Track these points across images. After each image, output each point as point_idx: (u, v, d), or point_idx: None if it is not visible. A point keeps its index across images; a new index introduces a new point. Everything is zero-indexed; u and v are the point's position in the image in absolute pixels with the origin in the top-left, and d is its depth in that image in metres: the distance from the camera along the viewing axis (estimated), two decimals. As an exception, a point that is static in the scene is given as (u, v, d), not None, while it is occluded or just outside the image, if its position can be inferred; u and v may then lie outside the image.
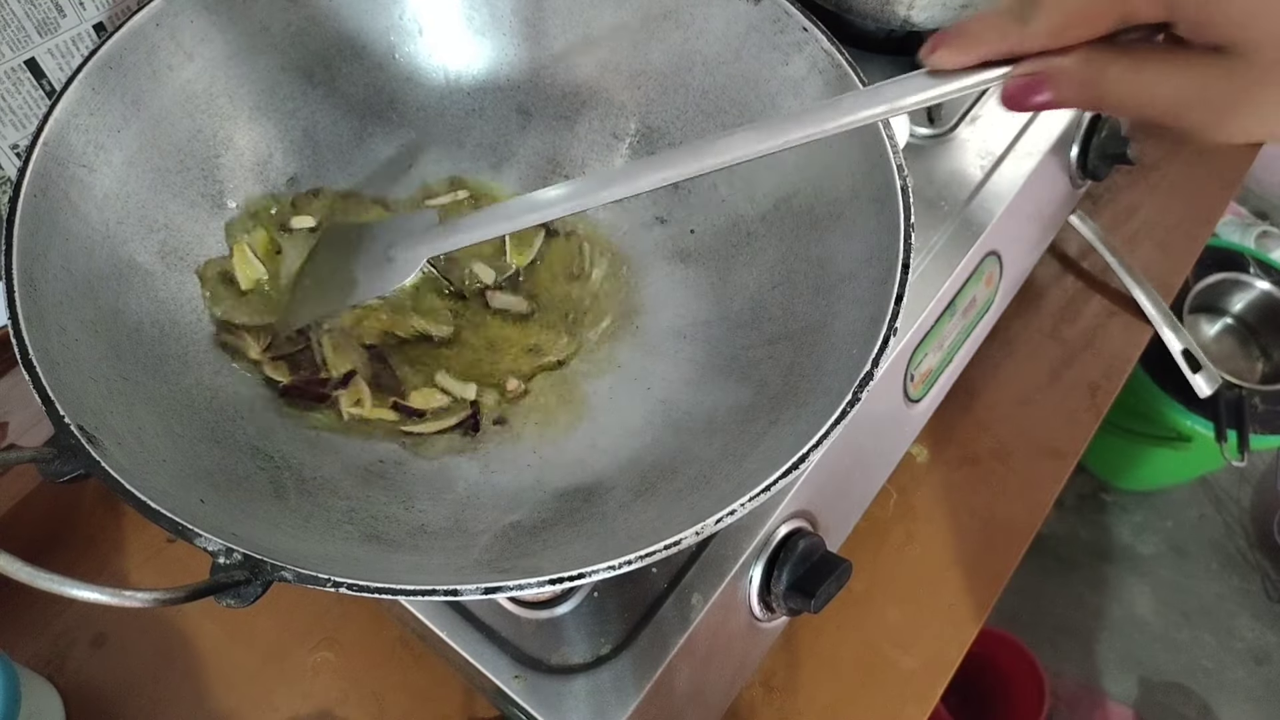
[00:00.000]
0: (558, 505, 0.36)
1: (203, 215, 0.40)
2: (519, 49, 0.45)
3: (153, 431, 0.33)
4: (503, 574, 0.28)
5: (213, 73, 0.40)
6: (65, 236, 0.35)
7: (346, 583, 0.28)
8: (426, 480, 0.37)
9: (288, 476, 0.35)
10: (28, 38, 0.41)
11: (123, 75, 0.37)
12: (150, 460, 0.32)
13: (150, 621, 0.45)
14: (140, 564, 0.46)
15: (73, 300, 0.34)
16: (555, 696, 0.35)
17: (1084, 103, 0.24)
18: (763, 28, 0.40)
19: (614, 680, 0.36)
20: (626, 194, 0.32)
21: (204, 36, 0.39)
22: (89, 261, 0.35)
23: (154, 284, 0.37)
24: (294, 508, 0.34)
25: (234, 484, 0.34)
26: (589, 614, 0.37)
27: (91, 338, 0.34)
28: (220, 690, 0.44)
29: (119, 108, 0.37)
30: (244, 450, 0.35)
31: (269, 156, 0.42)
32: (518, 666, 0.36)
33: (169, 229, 0.39)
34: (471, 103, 0.45)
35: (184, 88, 0.39)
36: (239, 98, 0.41)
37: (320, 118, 0.43)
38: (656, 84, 0.43)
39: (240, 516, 0.32)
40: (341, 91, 0.43)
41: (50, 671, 0.44)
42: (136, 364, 0.35)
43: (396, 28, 0.44)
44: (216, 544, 0.28)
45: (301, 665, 0.44)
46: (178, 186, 0.39)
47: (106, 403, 0.32)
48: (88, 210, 0.36)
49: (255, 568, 0.28)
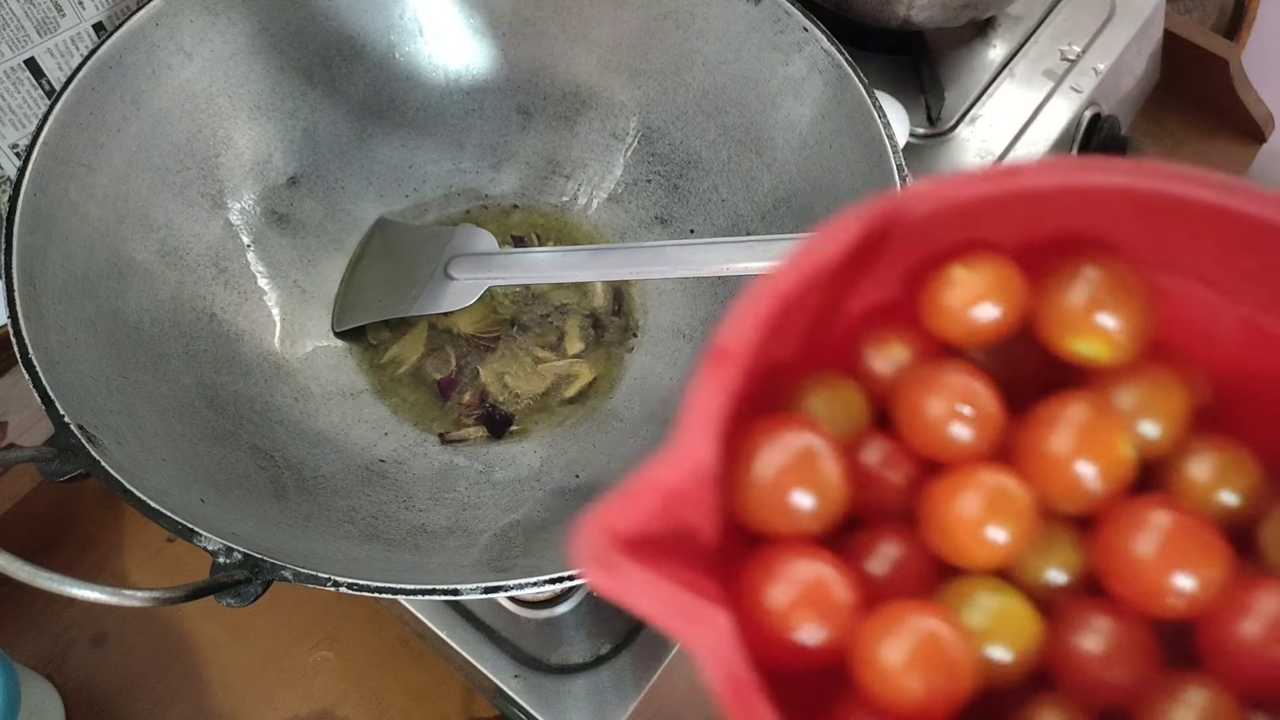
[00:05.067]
0: (558, 504, 0.36)
1: (202, 214, 0.40)
2: (519, 49, 0.45)
3: (153, 431, 0.33)
4: (503, 573, 0.28)
5: (212, 72, 0.40)
6: (65, 235, 0.35)
7: (346, 582, 0.28)
8: (427, 480, 0.37)
9: (288, 476, 0.35)
10: (27, 37, 0.41)
11: (122, 75, 0.37)
12: (150, 459, 0.32)
13: (150, 621, 0.44)
14: (140, 563, 0.46)
15: (72, 299, 0.34)
16: (555, 696, 0.35)
17: None
18: (763, 28, 0.40)
19: (614, 679, 0.35)
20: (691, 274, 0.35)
21: (203, 36, 0.39)
22: (88, 260, 0.35)
23: (154, 283, 0.37)
24: (294, 507, 0.34)
25: (234, 483, 0.34)
26: (589, 613, 0.37)
27: (91, 337, 0.34)
28: (220, 689, 0.44)
29: (118, 107, 0.37)
30: (244, 449, 0.35)
31: (269, 156, 0.42)
32: (517, 666, 0.36)
33: (169, 228, 0.39)
34: (471, 102, 0.45)
35: (183, 87, 0.39)
36: (239, 97, 0.41)
37: (320, 117, 0.43)
38: (656, 84, 0.43)
39: (240, 516, 0.32)
40: (341, 91, 0.43)
41: (50, 671, 0.44)
42: (136, 363, 0.35)
43: (396, 27, 0.44)
44: (216, 543, 0.28)
45: (301, 664, 0.44)
46: (177, 186, 0.39)
47: (106, 402, 0.32)
48: (87, 209, 0.36)
49: (255, 567, 0.28)
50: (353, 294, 0.41)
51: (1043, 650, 0.17)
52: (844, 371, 0.19)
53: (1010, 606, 0.16)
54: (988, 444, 0.17)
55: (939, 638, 0.15)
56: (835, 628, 0.15)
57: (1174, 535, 0.16)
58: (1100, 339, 0.18)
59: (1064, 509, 0.17)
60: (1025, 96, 0.50)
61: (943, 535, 0.17)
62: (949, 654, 0.15)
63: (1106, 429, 0.17)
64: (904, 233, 0.17)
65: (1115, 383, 0.18)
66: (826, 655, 0.16)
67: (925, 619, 0.15)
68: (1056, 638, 0.17)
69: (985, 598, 0.16)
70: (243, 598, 0.29)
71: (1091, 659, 0.16)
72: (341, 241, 0.43)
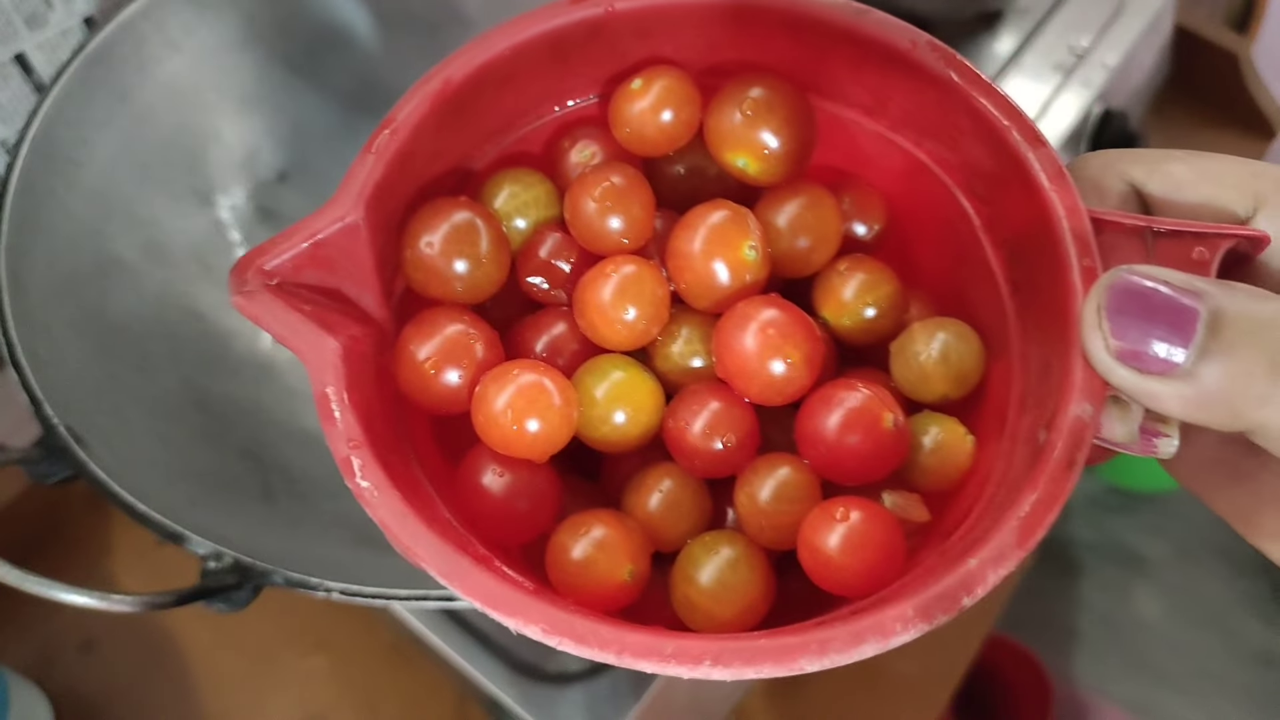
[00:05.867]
0: (554, 508, 0.35)
1: (189, 210, 0.40)
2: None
3: (141, 432, 0.33)
4: (496, 579, 0.27)
5: (199, 66, 0.39)
6: (52, 233, 0.34)
7: (338, 588, 0.27)
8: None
9: (276, 478, 0.35)
10: (16, 32, 0.40)
11: (110, 69, 0.37)
12: (138, 461, 0.31)
13: (140, 626, 0.44)
14: (129, 568, 0.46)
15: (59, 298, 0.34)
16: (551, 705, 0.35)
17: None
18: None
19: (611, 688, 0.35)
20: None
21: (191, 28, 0.39)
22: (75, 258, 0.35)
23: (141, 281, 0.37)
24: (283, 510, 0.34)
25: (223, 486, 0.33)
26: (586, 619, 0.36)
27: (78, 336, 0.34)
28: (210, 696, 0.43)
29: (106, 102, 0.37)
30: (232, 451, 0.35)
31: (257, 150, 0.42)
32: (513, 674, 0.35)
33: (155, 224, 0.38)
34: (466, 96, 0.44)
35: (170, 81, 0.39)
36: (226, 91, 0.40)
37: (309, 111, 0.42)
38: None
39: (229, 519, 0.31)
40: (330, 84, 0.43)
41: (39, 677, 0.43)
42: (124, 363, 0.35)
43: (384, 17, 0.43)
44: (206, 547, 0.28)
45: (293, 671, 0.44)
46: (164, 181, 0.39)
47: (94, 402, 0.32)
48: (74, 206, 0.35)
49: (245, 572, 0.28)
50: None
51: (660, 420, 0.19)
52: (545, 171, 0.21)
53: (629, 378, 0.19)
54: (639, 240, 0.20)
55: (538, 386, 0.18)
56: (466, 375, 0.18)
57: (767, 327, 0.18)
58: (751, 153, 0.20)
59: (701, 304, 0.20)
60: (1033, 90, 0.49)
61: (584, 315, 0.19)
62: (546, 401, 0.18)
63: (734, 234, 0.19)
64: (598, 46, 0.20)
65: (775, 199, 0.20)
66: (461, 401, 0.18)
67: (529, 373, 0.18)
68: (673, 411, 0.19)
69: (611, 369, 0.19)
70: (232, 603, 0.28)
71: (696, 430, 0.19)
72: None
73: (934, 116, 0.19)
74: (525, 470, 0.19)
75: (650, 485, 0.19)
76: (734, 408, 0.19)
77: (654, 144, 0.20)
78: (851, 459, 0.18)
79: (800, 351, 0.18)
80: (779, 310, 0.18)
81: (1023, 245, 0.19)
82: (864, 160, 0.21)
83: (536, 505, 0.19)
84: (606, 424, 0.19)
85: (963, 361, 0.19)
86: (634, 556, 0.18)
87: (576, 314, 0.20)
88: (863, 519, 0.17)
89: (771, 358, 0.18)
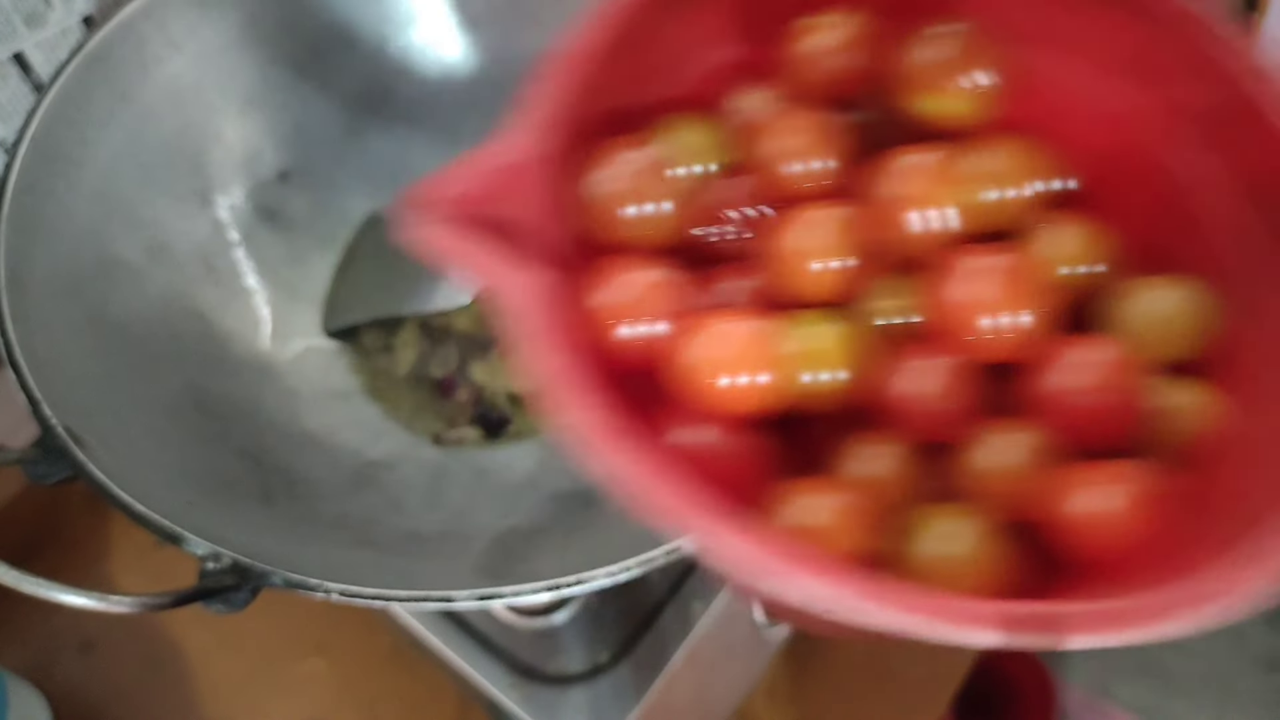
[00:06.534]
0: (555, 510, 0.35)
1: (191, 211, 0.39)
2: (515, 39, 0.44)
3: (140, 433, 0.33)
4: (498, 580, 0.27)
5: (202, 65, 0.39)
6: (51, 233, 0.34)
7: (338, 589, 0.27)
8: (419, 484, 0.37)
9: (276, 480, 0.35)
10: (15, 31, 0.40)
11: (111, 69, 0.37)
12: (137, 462, 0.31)
13: (139, 627, 0.44)
14: (128, 568, 0.46)
15: (59, 298, 0.34)
16: (552, 706, 0.35)
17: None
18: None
19: (613, 690, 0.35)
20: None
21: (193, 28, 0.39)
22: (75, 259, 0.35)
23: (141, 281, 0.37)
24: (283, 512, 0.34)
25: (222, 487, 0.33)
26: (587, 622, 0.36)
27: (78, 336, 0.34)
28: (209, 698, 0.43)
29: (106, 101, 0.37)
30: (232, 452, 0.35)
31: (259, 151, 0.42)
32: (514, 675, 0.35)
33: (156, 225, 0.38)
34: (466, 95, 0.44)
35: (172, 81, 0.39)
36: (229, 91, 0.40)
37: (311, 111, 0.42)
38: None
39: (229, 520, 0.31)
40: (333, 84, 0.43)
41: (38, 678, 0.43)
42: (123, 363, 0.35)
43: (389, 18, 0.43)
44: (204, 548, 0.28)
45: (292, 673, 0.44)
46: (165, 182, 0.39)
47: (93, 403, 0.32)
48: (74, 206, 0.35)
49: (244, 573, 0.28)
50: (345, 292, 0.41)
51: (865, 379, 0.17)
52: (709, 114, 0.20)
53: (838, 332, 0.17)
54: (830, 184, 0.18)
55: (750, 336, 0.16)
56: (654, 325, 0.17)
57: (991, 276, 0.16)
58: (958, 93, 0.18)
59: (911, 253, 0.18)
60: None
61: (775, 265, 0.18)
62: (755, 356, 0.16)
63: (939, 179, 0.17)
64: None
65: (965, 147, 0.18)
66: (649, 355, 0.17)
67: (738, 323, 0.16)
68: (887, 369, 0.17)
69: (819, 322, 0.17)
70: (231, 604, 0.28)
71: (909, 391, 0.17)
72: (333, 238, 0.43)
73: (1159, 57, 0.18)
74: (730, 430, 0.17)
75: (873, 452, 0.17)
76: (958, 366, 0.17)
77: (837, 87, 0.19)
78: (1103, 421, 0.16)
79: (1039, 302, 0.16)
80: (1010, 258, 0.17)
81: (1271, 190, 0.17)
82: (1060, 113, 0.20)
83: (744, 469, 0.17)
84: (814, 381, 0.17)
85: (1191, 320, 0.17)
86: (872, 527, 0.16)
87: (770, 264, 0.18)
88: (1139, 482, 0.15)
89: (1006, 309, 0.16)
